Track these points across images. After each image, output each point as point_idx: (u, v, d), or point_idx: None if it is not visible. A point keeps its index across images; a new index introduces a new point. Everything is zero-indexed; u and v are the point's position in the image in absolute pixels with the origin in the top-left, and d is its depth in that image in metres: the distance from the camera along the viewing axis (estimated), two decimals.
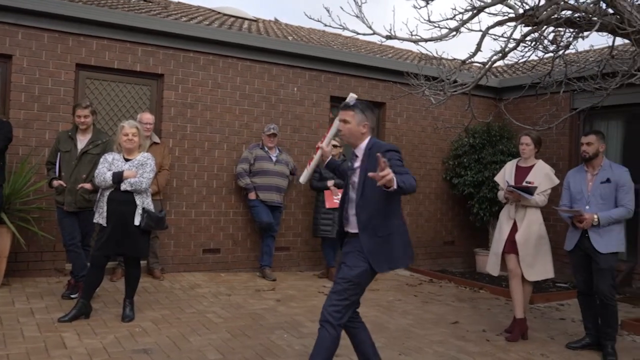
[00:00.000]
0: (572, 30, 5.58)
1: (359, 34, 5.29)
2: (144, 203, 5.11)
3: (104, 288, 6.04)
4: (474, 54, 5.45)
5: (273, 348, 4.61)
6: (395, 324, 5.61)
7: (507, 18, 5.21)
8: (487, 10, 5.15)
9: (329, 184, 7.44)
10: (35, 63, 6.50)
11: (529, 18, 5.00)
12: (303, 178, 4.14)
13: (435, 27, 5.26)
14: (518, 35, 5.50)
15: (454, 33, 5.21)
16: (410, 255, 3.72)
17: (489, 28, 5.25)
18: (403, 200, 8.92)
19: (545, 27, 5.25)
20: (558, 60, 6.29)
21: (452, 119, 9.41)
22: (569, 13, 5.12)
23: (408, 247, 3.70)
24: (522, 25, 5.21)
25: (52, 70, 6.57)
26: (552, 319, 6.20)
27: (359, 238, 3.55)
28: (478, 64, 5.88)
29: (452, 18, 5.21)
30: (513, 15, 5.16)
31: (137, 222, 5.03)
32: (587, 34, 5.36)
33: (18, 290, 5.86)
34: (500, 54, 5.44)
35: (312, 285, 7.18)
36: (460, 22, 5.15)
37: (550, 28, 5.46)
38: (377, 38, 5.32)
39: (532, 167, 5.47)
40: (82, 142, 5.70)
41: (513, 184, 5.38)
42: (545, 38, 5.74)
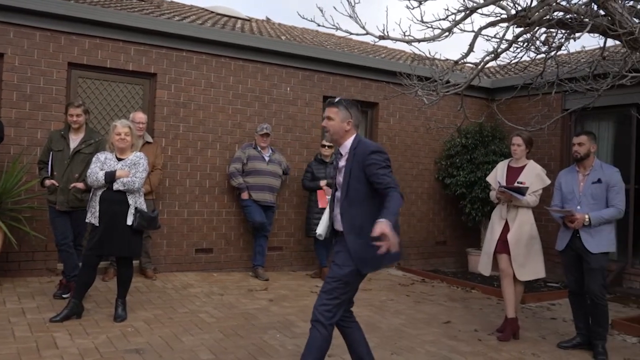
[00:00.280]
0: (563, 32, 5.61)
1: (352, 34, 5.29)
2: (137, 203, 5.09)
3: (96, 288, 6.02)
4: (467, 55, 5.46)
5: (265, 348, 4.61)
6: (388, 324, 5.62)
7: (499, 19, 5.23)
8: (479, 11, 5.16)
9: (322, 184, 7.44)
10: (27, 62, 6.47)
11: (521, 19, 5.01)
12: (321, 230, 3.78)
13: (428, 27, 5.26)
14: (510, 36, 5.51)
15: (447, 33, 5.22)
16: (395, 256, 3.57)
17: (482, 29, 5.26)
18: None
19: (538, 28, 5.28)
20: (550, 61, 6.32)
21: (444, 119, 9.44)
22: (561, 14, 5.14)
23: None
24: (514, 26, 5.23)
25: (44, 69, 6.55)
26: (543, 319, 6.23)
27: (344, 238, 3.54)
28: (470, 65, 5.89)
29: (444, 18, 5.22)
30: (505, 16, 5.17)
31: (129, 221, 5.02)
32: (578, 35, 5.39)
33: (9, 290, 5.83)
34: (493, 55, 5.45)
35: (304, 285, 7.19)
36: (453, 22, 5.16)
37: (543, 29, 5.49)
38: (370, 38, 5.31)
39: (523, 167, 5.50)
40: (74, 141, 5.68)
41: (505, 185, 5.41)
42: (537, 39, 5.77)
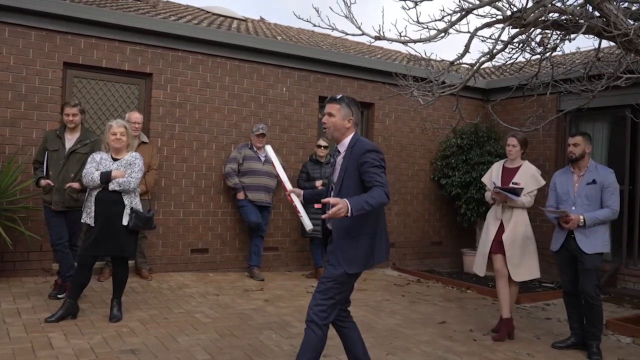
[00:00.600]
0: (559, 33, 5.63)
1: (348, 35, 5.29)
2: (132, 203, 5.09)
3: (92, 288, 6.01)
4: (462, 55, 5.48)
5: (261, 348, 4.61)
6: (383, 324, 5.63)
7: (495, 20, 5.24)
8: (475, 12, 5.17)
9: (317, 184, 7.44)
10: (22, 61, 6.45)
11: (517, 20, 5.03)
12: (308, 225, 3.70)
13: (424, 28, 5.27)
14: (506, 37, 5.54)
15: (443, 34, 5.23)
16: (381, 257, 3.60)
17: (477, 30, 5.28)
18: (390, 201, 8.99)
19: (533, 29, 5.29)
20: (545, 62, 6.34)
21: (440, 120, 9.46)
22: (556, 15, 5.16)
23: (379, 248, 3.58)
24: (509, 27, 5.24)
25: (39, 69, 6.53)
26: (538, 319, 6.25)
27: (333, 237, 3.53)
28: (466, 65, 5.92)
29: (440, 19, 5.23)
30: (501, 17, 5.19)
31: (125, 222, 5.01)
32: (573, 37, 5.42)
33: (4, 291, 5.81)
34: (488, 56, 5.47)
35: (300, 286, 7.19)
36: (449, 23, 5.17)
37: (538, 30, 5.51)
38: (366, 39, 5.34)
39: (518, 168, 5.52)
40: (70, 141, 5.67)
41: (500, 185, 5.43)
42: (533, 40, 5.79)
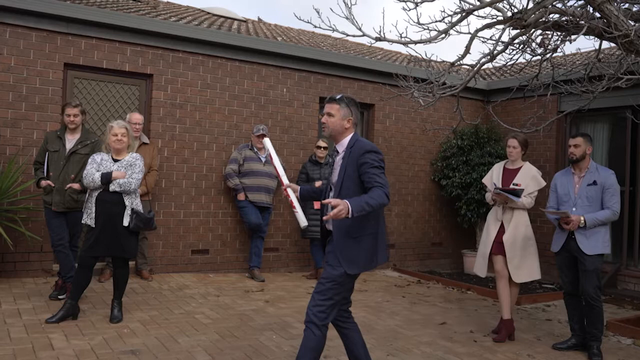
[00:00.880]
0: (559, 34, 5.64)
1: (349, 36, 5.31)
2: (133, 204, 5.09)
3: (92, 289, 6.02)
4: (463, 57, 5.48)
5: (262, 349, 4.61)
6: (383, 325, 5.63)
7: (495, 21, 5.25)
8: (476, 13, 5.18)
9: (317, 185, 7.44)
10: (23, 62, 6.45)
11: (517, 21, 5.04)
12: (302, 222, 3.66)
13: (425, 29, 5.29)
14: (506, 38, 5.58)
15: (443, 35, 5.24)
16: (382, 259, 3.61)
17: (478, 31, 5.28)
18: (391, 202, 9.00)
19: (533, 30, 5.30)
20: (545, 63, 6.36)
21: (440, 121, 9.46)
22: (557, 17, 5.16)
23: (381, 250, 3.59)
24: (510, 28, 5.25)
25: (40, 70, 6.53)
26: (538, 320, 6.25)
27: (333, 237, 3.53)
28: (467, 66, 5.92)
29: (441, 20, 5.24)
30: (502, 18, 5.20)
31: (125, 222, 5.01)
32: (574, 38, 5.42)
33: (5, 291, 5.81)
34: (489, 57, 5.48)
35: (300, 286, 7.19)
36: (450, 24, 5.18)
37: (538, 31, 5.51)
38: (366, 40, 5.35)
39: (519, 169, 5.52)
40: (70, 142, 5.67)
41: (500, 186, 5.43)
42: (533, 41, 5.80)
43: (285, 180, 3.81)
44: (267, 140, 4.03)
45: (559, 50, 5.88)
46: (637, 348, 5.30)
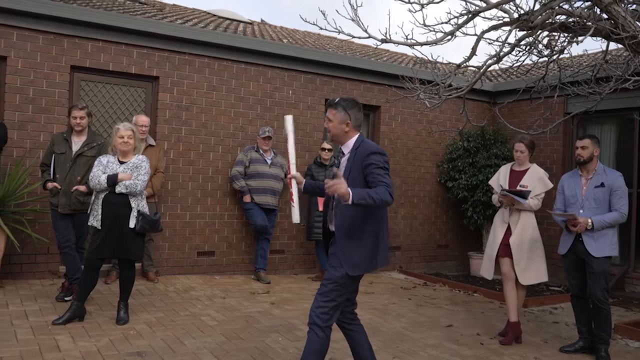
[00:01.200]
0: (566, 35, 5.62)
1: (355, 38, 5.31)
2: (139, 205, 5.09)
3: (99, 290, 6.02)
4: (469, 58, 5.47)
5: (267, 351, 4.61)
6: (390, 327, 5.61)
7: (502, 22, 5.24)
8: (482, 15, 5.17)
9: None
10: (30, 65, 6.48)
11: (524, 22, 5.02)
12: (295, 217, 3.68)
13: (431, 31, 5.28)
14: (513, 40, 5.53)
15: (449, 37, 5.23)
16: (382, 261, 3.59)
17: (484, 32, 5.27)
18: (397, 204, 8.99)
19: (540, 31, 5.28)
20: (552, 65, 6.33)
21: (446, 123, 9.44)
22: (564, 18, 5.15)
23: (382, 252, 3.58)
24: (516, 30, 5.24)
25: (47, 72, 6.56)
26: (545, 323, 6.22)
27: (335, 239, 3.52)
28: (473, 68, 5.91)
29: (447, 22, 5.23)
30: (508, 20, 5.18)
31: (132, 224, 5.02)
32: (581, 39, 5.39)
33: (12, 293, 5.83)
34: (495, 58, 5.46)
35: (306, 288, 7.18)
36: (456, 26, 5.17)
37: (545, 33, 5.49)
38: (372, 42, 5.35)
39: (526, 171, 5.49)
40: (76, 144, 5.68)
41: (507, 188, 5.40)
42: (540, 42, 5.78)
43: (293, 170, 3.78)
44: (289, 118, 3.89)
45: (566, 52, 5.86)
46: None
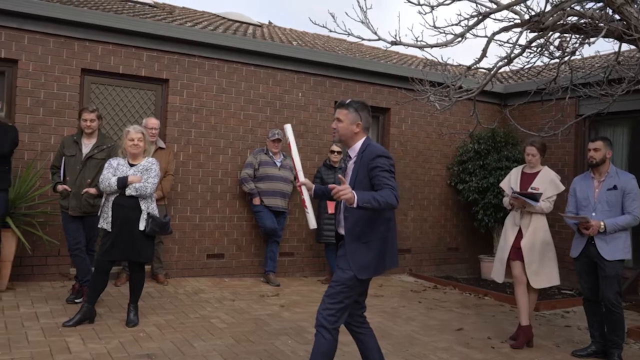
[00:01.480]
0: (578, 36, 5.58)
1: (364, 40, 5.30)
2: (149, 208, 5.10)
3: (109, 293, 6.04)
4: (480, 60, 5.45)
5: (277, 354, 4.59)
6: (400, 331, 5.58)
7: (512, 24, 5.21)
8: (492, 16, 5.15)
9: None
10: (41, 68, 6.52)
11: (535, 24, 4.99)
12: (312, 223, 3.66)
13: (441, 32, 5.26)
14: (524, 41, 5.50)
15: (460, 39, 5.21)
16: (390, 264, 3.58)
17: (495, 34, 5.25)
18: (407, 206, 8.95)
19: (551, 33, 5.25)
20: (564, 66, 6.28)
21: (457, 125, 9.41)
22: (575, 19, 5.11)
23: (390, 254, 3.56)
24: (527, 31, 5.21)
25: (57, 75, 6.60)
26: (557, 326, 6.16)
27: (344, 241, 3.51)
28: (483, 70, 5.87)
29: (457, 24, 5.22)
30: (519, 21, 5.15)
31: (141, 227, 5.03)
32: (593, 40, 5.35)
33: (23, 295, 5.86)
34: (506, 60, 5.44)
35: (316, 291, 7.16)
36: (466, 28, 5.15)
37: (556, 34, 5.46)
38: (382, 44, 5.33)
39: (537, 173, 5.45)
40: (87, 146, 5.70)
41: (518, 191, 5.36)
42: (551, 44, 5.74)
43: (301, 177, 3.76)
44: (288, 127, 3.87)
45: (578, 53, 5.82)
46: None
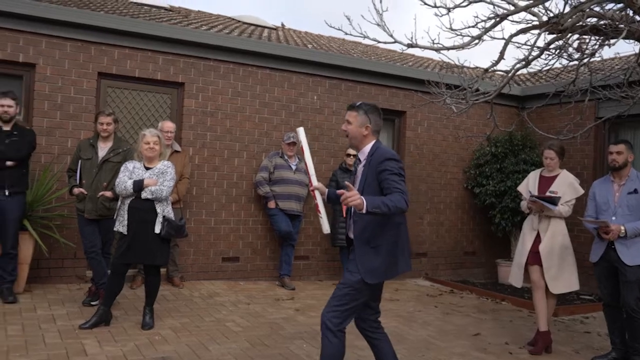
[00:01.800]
0: (597, 38, 5.49)
1: (380, 43, 5.27)
2: (165, 211, 5.11)
3: (124, 295, 6.06)
4: (497, 62, 5.39)
5: (292, 358, 4.57)
6: (415, 335, 5.53)
7: (530, 26, 5.14)
8: (510, 18, 5.09)
9: None
10: (58, 72, 6.57)
11: (554, 26, 4.92)
12: (326, 228, 3.65)
13: (457, 35, 5.21)
14: (542, 43, 5.42)
15: (477, 41, 5.16)
16: (403, 268, 3.53)
17: (512, 36, 5.19)
18: (423, 210, 8.90)
19: (570, 34, 5.18)
20: (583, 68, 6.19)
21: (473, 128, 9.33)
22: (595, 20, 5.03)
23: (402, 259, 3.52)
24: (546, 33, 5.14)
25: (74, 79, 6.65)
26: (576, 332, 6.07)
27: (354, 246, 3.48)
28: (501, 72, 5.81)
29: (474, 26, 5.16)
30: (537, 23, 5.09)
31: (157, 230, 5.04)
32: (613, 42, 5.26)
33: (40, 297, 5.90)
34: (524, 62, 5.37)
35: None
36: (483, 30, 5.09)
37: (575, 36, 5.38)
38: (398, 46, 5.29)
39: (556, 176, 5.37)
40: (103, 150, 5.73)
41: (536, 194, 5.29)
42: (570, 46, 5.65)
43: (315, 181, 3.72)
44: (301, 130, 3.85)
45: (597, 55, 5.73)
46: None
